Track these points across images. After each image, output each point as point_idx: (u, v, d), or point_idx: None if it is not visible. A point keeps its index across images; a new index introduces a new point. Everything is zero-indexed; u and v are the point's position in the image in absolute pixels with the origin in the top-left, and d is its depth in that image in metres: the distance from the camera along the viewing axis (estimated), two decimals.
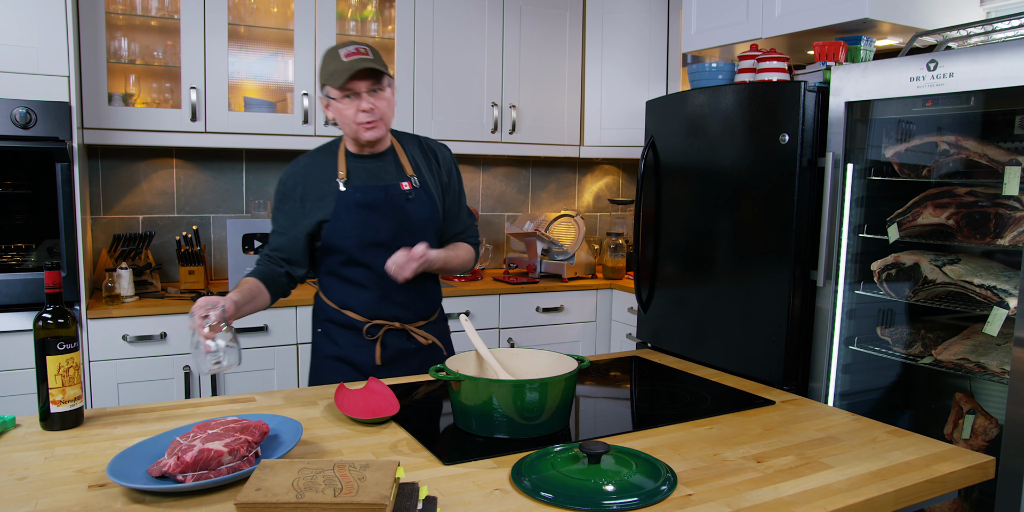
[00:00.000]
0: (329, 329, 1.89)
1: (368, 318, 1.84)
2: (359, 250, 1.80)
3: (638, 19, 3.50)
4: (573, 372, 1.38)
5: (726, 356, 2.40)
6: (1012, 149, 2.03)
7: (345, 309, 1.85)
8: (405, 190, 1.82)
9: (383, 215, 1.80)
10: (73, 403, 1.35)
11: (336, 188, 1.80)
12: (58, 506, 1.04)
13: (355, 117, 1.74)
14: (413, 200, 1.83)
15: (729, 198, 2.38)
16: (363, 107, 1.72)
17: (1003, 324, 1.86)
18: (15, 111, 2.30)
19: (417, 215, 1.83)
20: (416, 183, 1.84)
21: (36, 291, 2.39)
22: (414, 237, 1.81)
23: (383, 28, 3.26)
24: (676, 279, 2.64)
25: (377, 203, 1.80)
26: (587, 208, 4.09)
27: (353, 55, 1.71)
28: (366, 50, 1.73)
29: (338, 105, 1.75)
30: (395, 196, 1.81)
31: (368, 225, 1.78)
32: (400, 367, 1.87)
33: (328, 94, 1.76)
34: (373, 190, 1.80)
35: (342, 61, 1.71)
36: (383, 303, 1.84)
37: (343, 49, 1.73)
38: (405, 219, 1.81)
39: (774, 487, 1.15)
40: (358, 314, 1.84)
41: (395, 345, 1.86)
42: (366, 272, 1.82)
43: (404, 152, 1.89)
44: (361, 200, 1.79)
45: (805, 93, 2.14)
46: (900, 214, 2.11)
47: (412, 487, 1.06)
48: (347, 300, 1.85)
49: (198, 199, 3.21)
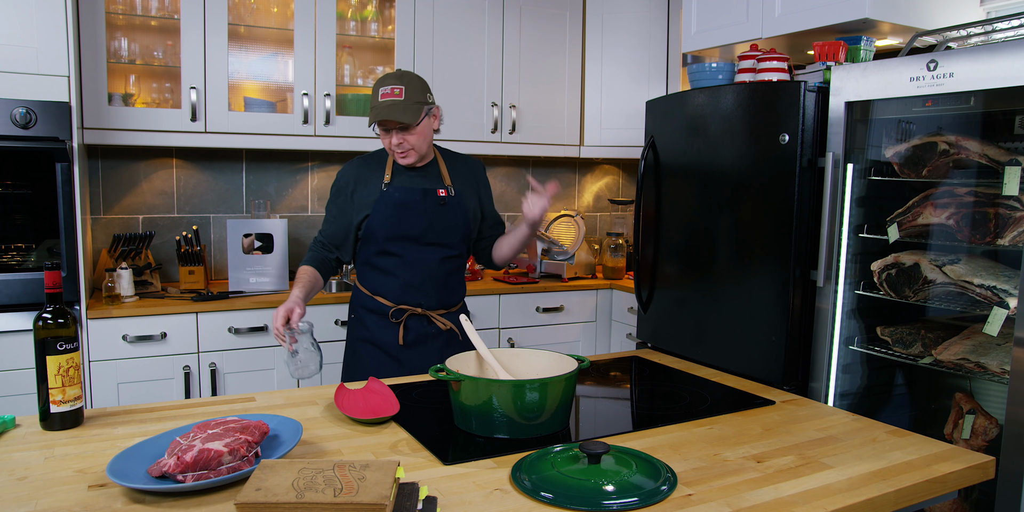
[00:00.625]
0: (361, 314, 2.10)
1: (395, 303, 2.03)
2: (391, 242, 2.01)
3: (638, 19, 3.50)
4: (573, 372, 1.38)
5: (726, 356, 2.40)
6: (1012, 149, 2.03)
7: (376, 295, 2.06)
8: (441, 195, 2.04)
9: (417, 214, 2.00)
10: (73, 403, 1.35)
11: (380, 189, 2.02)
12: (58, 506, 1.04)
13: (390, 146, 1.97)
14: (447, 205, 2.04)
15: (729, 198, 2.38)
16: (393, 142, 1.94)
17: (1003, 324, 1.86)
18: (15, 111, 2.30)
19: (449, 217, 2.04)
20: (452, 192, 2.06)
21: (36, 291, 2.39)
22: (442, 236, 2.04)
23: (383, 28, 3.26)
24: (676, 279, 2.64)
25: (412, 203, 2.01)
26: (587, 208, 4.09)
27: (388, 96, 1.90)
28: (400, 92, 1.90)
29: (381, 134, 1.97)
30: (431, 199, 2.03)
31: (402, 221, 2.00)
32: (421, 349, 2.04)
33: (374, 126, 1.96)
34: (411, 192, 2.01)
35: (378, 100, 1.91)
36: (408, 290, 2.03)
37: (383, 88, 1.91)
38: (437, 219, 2.03)
39: (774, 487, 1.15)
40: (387, 299, 2.04)
41: (417, 329, 2.04)
42: (397, 261, 2.02)
43: (445, 165, 2.09)
44: (399, 199, 2.00)
45: (805, 93, 2.14)
46: (900, 214, 2.11)
47: (412, 487, 1.06)
48: (378, 287, 2.06)
49: (198, 199, 3.21)
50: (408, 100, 1.90)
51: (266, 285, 2.94)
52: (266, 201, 3.16)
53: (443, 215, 2.04)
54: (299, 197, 3.40)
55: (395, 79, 1.92)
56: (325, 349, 2.85)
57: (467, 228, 2.09)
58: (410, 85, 1.91)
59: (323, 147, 3.08)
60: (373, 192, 2.02)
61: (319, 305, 2.83)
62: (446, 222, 2.05)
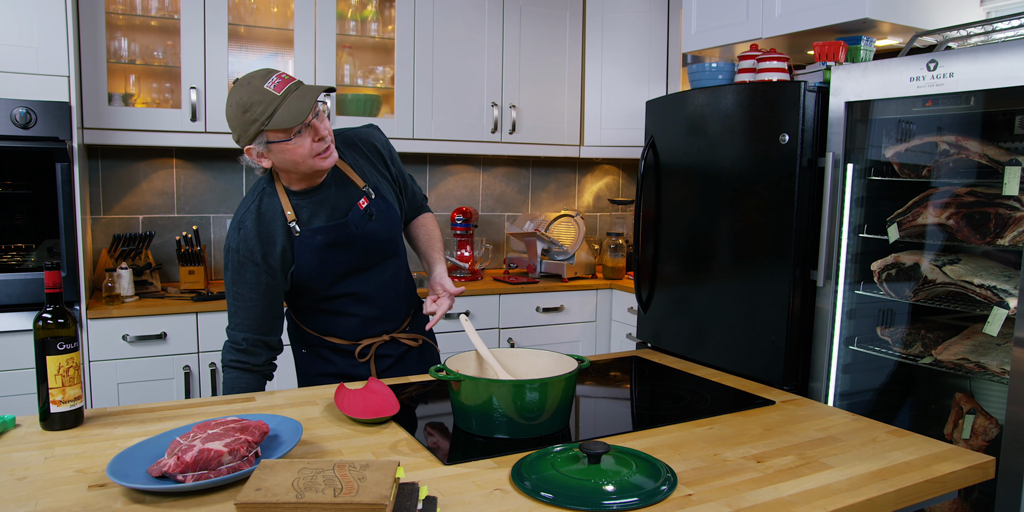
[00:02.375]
0: (318, 350, 1.81)
1: (355, 340, 1.79)
2: (333, 285, 1.71)
3: (638, 19, 3.50)
4: (573, 372, 1.38)
5: (726, 356, 2.40)
6: (1012, 149, 2.03)
7: (328, 336, 1.78)
8: (364, 209, 1.69)
9: (350, 248, 1.68)
10: (73, 403, 1.35)
11: (290, 235, 1.63)
12: (58, 506, 1.04)
13: (311, 151, 1.54)
14: (376, 217, 1.71)
15: (729, 198, 2.38)
16: (320, 135, 1.54)
17: (1003, 324, 1.86)
18: (15, 111, 2.30)
19: (383, 231, 1.73)
20: (371, 194, 1.71)
21: (36, 291, 2.39)
22: (385, 253, 1.76)
23: (383, 28, 3.26)
24: (676, 279, 2.64)
25: (341, 239, 1.66)
26: (587, 208, 4.09)
27: (284, 85, 1.49)
28: (288, 76, 1.52)
29: (286, 146, 1.52)
30: (356, 223, 1.68)
31: (337, 261, 1.67)
32: (396, 370, 1.86)
33: (269, 139, 1.52)
34: (334, 229, 1.65)
35: (277, 97, 1.47)
36: (368, 323, 1.78)
37: (267, 83, 1.48)
38: (373, 241, 1.71)
39: (774, 487, 1.15)
40: (343, 339, 1.78)
41: (388, 353, 1.84)
42: (348, 300, 1.74)
43: (346, 163, 1.71)
44: (323, 242, 1.65)
45: (805, 93, 2.14)
46: (900, 214, 2.11)
47: (412, 487, 1.06)
48: (329, 328, 1.78)
49: (198, 199, 3.21)
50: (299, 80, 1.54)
51: None
52: None
53: (376, 231, 1.71)
54: None
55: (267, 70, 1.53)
56: None
57: (401, 226, 1.81)
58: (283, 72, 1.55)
59: None
60: (285, 243, 1.63)
61: None
62: (383, 235, 1.72)
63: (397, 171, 1.83)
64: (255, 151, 1.55)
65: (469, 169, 3.71)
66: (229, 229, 1.66)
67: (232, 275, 1.63)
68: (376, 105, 3.21)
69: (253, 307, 1.64)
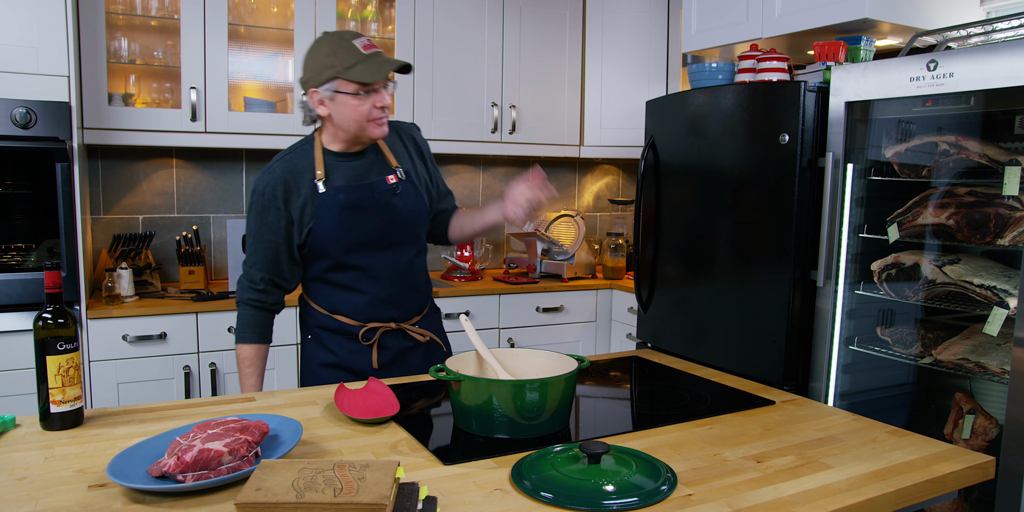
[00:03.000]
0: (321, 336, 1.81)
1: (361, 321, 1.77)
2: (348, 253, 1.72)
3: (638, 19, 3.50)
4: (573, 372, 1.38)
5: (726, 356, 2.40)
6: (1012, 149, 2.03)
7: (336, 314, 1.77)
8: (391, 184, 1.73)
9: (370, 214, 1.70)
10: (73, 403, 1.35)
11: (316, 192, 1.68)
12: (58, 506, 1.04)
13: (369, 114, 1.63)
14: (401, 194, 1.74)
15: (729, 198, 2.38)
16: (382, 103, 1.63)
17: (1003, 324, 1.86)
18: (15, 111, 2.30)
19: (406, 209, 1.75)
20: (402, 175, 1.76)
21: (36, 291, 2.39)
22: (404, 232, 1.76)
23: (383, 28, 3.26)
24: (676, 279, 2.64)
25: (363, 202, 1.69)
26: (587, 208, 4.09)
27: (370, 48, 1.60)
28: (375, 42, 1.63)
29: (351, 101, 1.61)
30: (381, 192, 1.71)
31: (355, 226, 1.68)
32: (400, 367, 1.83)
33: (338, 89, 1.61)
34: (357, 189, 1.69)
35: (363, 54, 1.58)
36: (376, 305, 1.76)
37: (356, 40, 1.60)
38: (394, 215, 1.73)
39: (774, 487, 1.15)
40: (350, 318, 1.77)
41: (393, 346, 1.81)
42: (357, 274, 1.74)
43: (385, 143, 1.78)
44: (345, 201, 1.68)
45: (805, 93, 2.14)
46: (900, 214, 2.11)
47: (412, 487, 1.06)
48: (338, 305, 1.77)
49: (198, 199, 3.21)
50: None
51: None
52: None
53: (399, 207, 1.73)
54: None
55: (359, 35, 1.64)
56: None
57: (426, 214, 1.81)
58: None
59: None
60: (308, 197, 1.68)
61: None
62: (405, 214, 1.74)
63: (431, 170, 1.87)
64: (319, 96, 1.63)
65: (469, 169, 3.71)
66: (260, 173, 1.72)
67: (255, 216, 1.70)
68: None
69: (271, 249, 1.71)
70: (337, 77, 1.59)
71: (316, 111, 1.66)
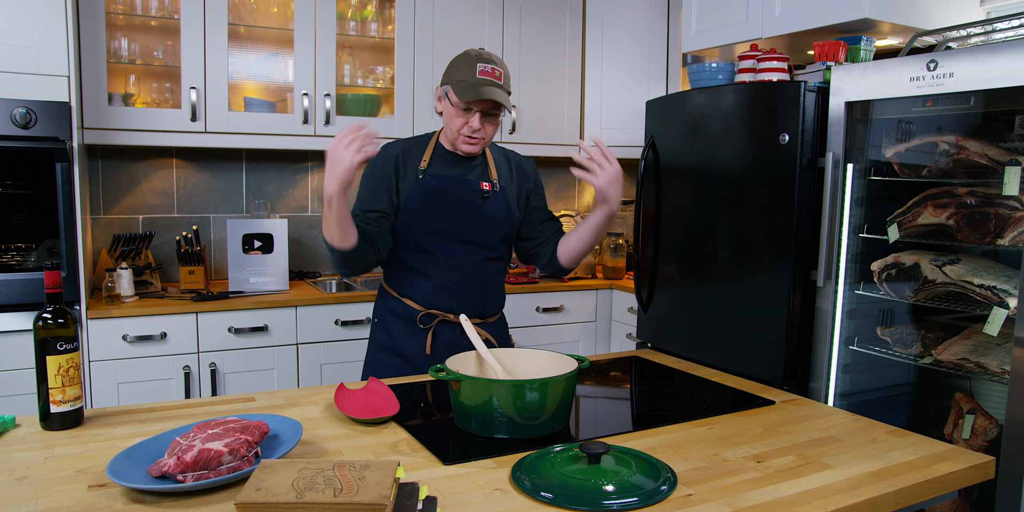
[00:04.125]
0: (385, 319, 1.92)
1: (424, 307, 1.86)
2: (425, 237, 1.83)
3: (638, 19, 3.50)
4: (573, 372, 1.38)
5: (726, 356, 2.40)
6: (1012, 149, 2.02)
7: (404, 297, 1.89)
8: (483, 189, 1.86)
9: (456, 206, 1.83)
10: (73, 403, 1.35)
11: (416, 176, 1.83)
12: (58, 506, 1.04)
13: (459, 128, 1.79)
14: (489, 199, 1.86)
15: (729, 198, 2.38)
16: (473, 126, 1.76)
17: (1003, 324, 1.86)
18: (15, 111, 2.30)
19: (490, 214, 1.86)
20: (496, 186, 1.89)
21: (36, 291, 2.39)
22: (482, 233, 1.86)
23: (383, 28, 3.26)
24: (676, 279, 2.64)
25: (452, 193, 1.83)
26: (587, 208, 4.09)
27: (487, 75, 1.73)
28: (500, 75, 1.75)
29: (450, 109, 1.78)
30: (472, 191, 1.85)
31: (439, 213, 1.81)
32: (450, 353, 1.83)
33: (448, 94, 1.78)
34: (450, 180, 1.84)
35: (474, 76, 1.72)
36: (440, 292, 1.86)
37: (481, 64, 1.73)
38: (478, 214, 1.85)
39: (774, 487, 1.15)
40: (415, 302, 1.87)
41: (446, 337, 1.88)
42: (429, 259, 1.85)
43: (492, 159, 1.93)
44: (437, 188, 1.82)
45: (805, 93, 2.14)
46: (900, 214, 2.11)
47: (412, 487, 1.06)
48: (407, 288, 1.88)
49: (198, 199, 3.21)
50: (505, 85, 1.77)
51: (266, 285, 2.94)
52: (266, 201, 3.17)
53: (484, 211, 1.86)
54: (299, 197, 3.40)
55: (495, 61, 1.76)
56: (322, 349, 2.85)
57: (510, 227, 1.91)
58: (505, 72, 1.78)
59: (323, 147, 3.05)
60: (410, 178, 1.83)
61: (318, 305, 2.83)
62: (487, 219, 1.86)
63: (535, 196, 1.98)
64: (440, 92, 1.82)
65: None
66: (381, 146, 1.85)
67: (368, 166, 1.84)
68: (376, 105, 3.21)
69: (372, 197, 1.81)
70: (449, 84, 1.77)
71: (437, 104, 1.85)
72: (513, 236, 1.95)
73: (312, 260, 3.43)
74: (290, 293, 2.92)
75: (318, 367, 2.85)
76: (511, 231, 1.92)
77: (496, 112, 1.78)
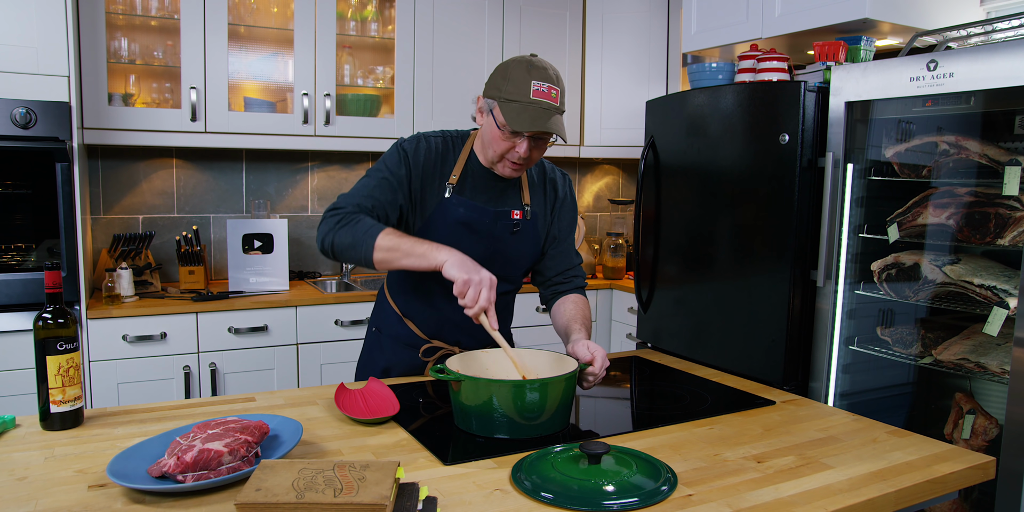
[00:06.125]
0: (383, 340, 1.78)
1: (427, 336, 1.73)
2: None
3: (638, 19, 3.50)
4: (573, 372, 1.38)
5: (726, 356, 2.40)
6: (1012, 149, 2.03)
7: (407, 317, 1.74)
8: (514, 220, 1.67)
9: (481, 241, 1.64)
10: (73, 403, 1.35)
11: (442, 194, 1.61)
12: (58, 506, 1.04)
13: (502, 151, 1.57)
14: (518, 233, 1.68)
15: (729, 198, 2.38)
16: (520, 153, 1.55)
17: (1003, 324, 1.86)
18: (15, 111, 2.30)
19: (517, 250, 1.70)
20: (528, 214, 1.69)
21: (36, 291, 2.39)
22: (506, 268, 1.69)
23: (383, 28, 3.26)
24: (676, 279, 2.64)
25: (479, 226, 1.63)
26: (587, 208, 4.09)
27: (542, 96, 1.50)
28: (557, 96, 1.52)
29: (495, 131, 1.55)
30: (501, 225, 1.65)
31: (461, 244, 1.56)
32: None
33: (493, 110, 1.54)
34: (479, 211, 1.63)
35: (528, 96, 1.49)
36: (448, 327, 1.71)
37: (536, 83, 1.49)
38: (504, 248, 1.67)
39: (774, 487, 1.15)
40: (419, 328, 1.73)
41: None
42: (440, 290, 1.64)
43: (526, 178, 1.73)
44: (464, 217, 1.62)
45: (805, 93, 2.14)
46: (900, 214, 2.11)
47: (412, 487, 1.06)
48: (412, 311, 1.73)
49: (198, 199, 3.21)
50: (561, 105, 1.53)
51: (266, 285, 2.94)
52: (266, 201, 3.17)
53: (511, 245, 1.68)
54: (299, 197, 3.40)
55: (552, 77, 1.52)
56: (322, 349, 2.85)
57: (534, 260, 1.76)
58: (562, 89, 1.54)
59: (323, 147, 3.08)
60: (435, 191, 1.61)
61: (318, 305, 2.83)
62: (513, 254, 1.69)
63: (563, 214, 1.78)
64: (483, 104, 1.58)
65: None
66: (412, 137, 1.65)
67: (384, 157, 1.63)
68: (376, 105, 3.21)
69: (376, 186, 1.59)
70: (495, 100, 1.54)
71: (477, 115, 1.62)
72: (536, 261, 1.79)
73: (312, 260, 3.43)
74: (290, 293, 2.92)
75: (318, 367, 2.85)
76: (535, 261, 1.77)
77: (547, 137, 1.56)
